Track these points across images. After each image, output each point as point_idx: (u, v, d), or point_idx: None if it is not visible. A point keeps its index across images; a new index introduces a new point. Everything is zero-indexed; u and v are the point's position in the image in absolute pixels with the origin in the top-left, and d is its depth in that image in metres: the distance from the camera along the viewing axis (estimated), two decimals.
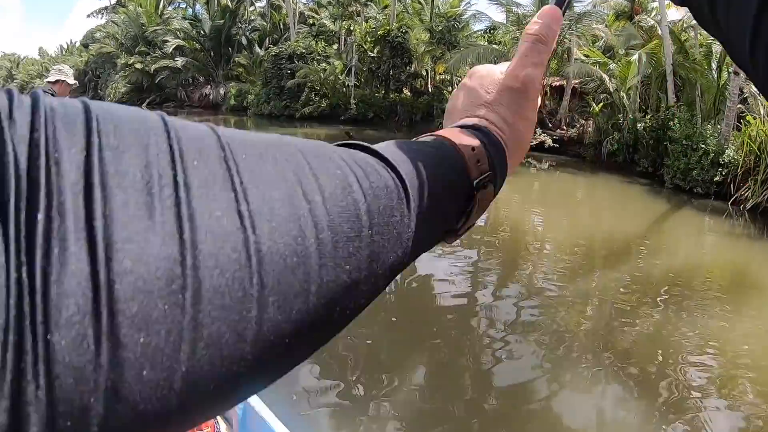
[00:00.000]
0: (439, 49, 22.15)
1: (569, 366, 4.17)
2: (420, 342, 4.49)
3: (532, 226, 8.71)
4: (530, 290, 5.56)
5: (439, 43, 21.81)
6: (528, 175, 13.04)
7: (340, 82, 25.65)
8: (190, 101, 41.42)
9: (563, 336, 4.50)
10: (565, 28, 16.19)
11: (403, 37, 23.51)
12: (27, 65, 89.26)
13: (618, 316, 5.02)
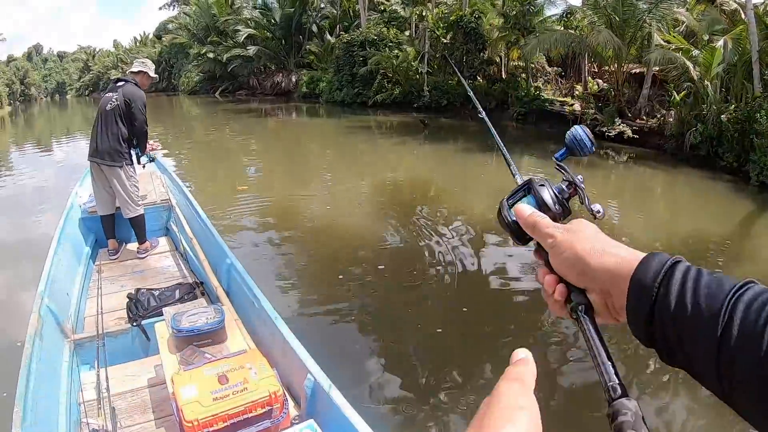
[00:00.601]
0: (514, 34, 22.10)
1: (645, 374, 4.13)
2: (488, 334, 4.62)
3: (608, 222, 8.46)
4: None
5: (514, 28, 21.70)
6: (606, 167, 13.15)
7: (413, 69, 25.88)
8: (262, 89, 43.02)
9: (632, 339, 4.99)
10: (645, 12, 16.33)
11: (476, 23, 23.52)
12: (102, 57, 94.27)
13: None
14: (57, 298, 3.34)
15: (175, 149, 15.48)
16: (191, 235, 4.44)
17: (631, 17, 16.49)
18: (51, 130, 31.51)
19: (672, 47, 15.30)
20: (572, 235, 0.63)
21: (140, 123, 4.67)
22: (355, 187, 10.46)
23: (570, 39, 18.02)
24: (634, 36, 16.77)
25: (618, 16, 16.56)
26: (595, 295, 0.59)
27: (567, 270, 0.62)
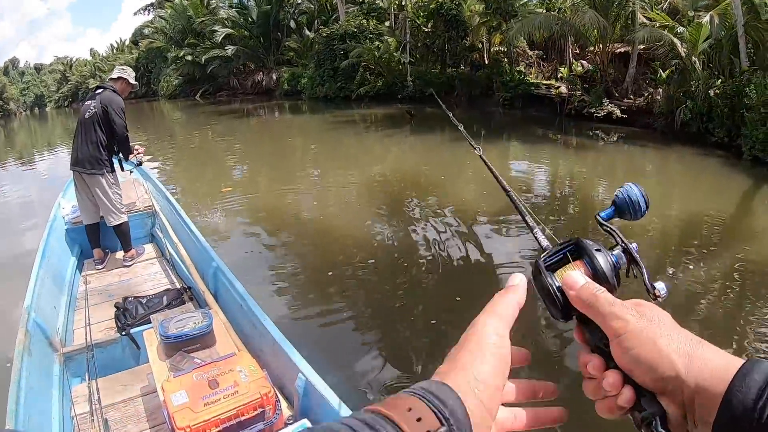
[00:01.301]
0: (495, 19, 22.08)
1: None
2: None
3: (600, 204, 8.51)
4: None
5: (495, 13, 21.67)
6: (595, 148, 13.21)
7: (395, 60, 25.89)
8: (243, 89, 42.92)
9: None
10: None
11: (457, 9, 23.58)
12: (80, 66, 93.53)
13: (692, 301, 4.86)
14: (44, 312, 3.33)
15: (159, 154, 15.38)
16: (176, 240, 4.43)
17: None
18: (32, 143, 31.22)
19: (657, 25, 15.40)
20: (651, 325, 0.50)
21: (120, 128, 4.63)
22: (342, 182, 10.44)
23: (554, 21, 17.98)
24: (618, 15, 16.85)
25: None
26: (674, 405, 0.48)
27: (642, 371, 0.49)
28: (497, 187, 3.34)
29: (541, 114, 18.42)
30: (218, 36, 39.65)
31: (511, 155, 12.86)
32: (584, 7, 16.66)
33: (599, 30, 16.49)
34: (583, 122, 16.08)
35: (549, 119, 17.64)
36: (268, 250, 6.76)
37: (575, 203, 8.71)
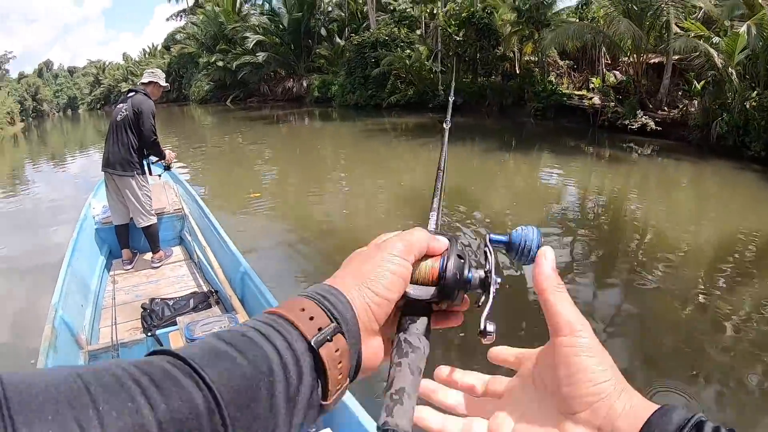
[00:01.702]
0: (528, 29, 21.94)
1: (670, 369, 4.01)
2: (506, 335, 4.71)
3: (632, 217, 8.50)
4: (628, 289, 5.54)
5: (528, 22, 21.52)
6: (629, 161, 12.95)
7: (426, 69, 25.84)
8: (274, 95, 43.34)
9: (659, 334, 4.60)
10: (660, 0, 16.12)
11: (488, 18, 23.47)
12: (112, 70, 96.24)
13: (720, 321, 4.73)
14: (71, 310, 3.38)
15: (189, 158, 15.60)
16: (205, 244, 4.47)
17: (649, 5, 16.30)
18: (64, 144, 32.02)
19: (692, 35, 15.13)
20: None
21: (147, 132, 4.71)
22: (371, 190, 10.44)
23: (587, 30, 17.76)
24: (653, 25, 16.58)
25: (636, 5, 16.39)
26: (589, 428, 0.45)
27: (580, 378, 0.47)
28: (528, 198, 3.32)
29: (574, 125, 18.19)
30: (249, 42, 40.11)
31: (542, 166, 12.71)
32: (618, 17, 16.41)
33: (633, 40, 16.25)
34: (616, 134, 15.82)
35: (581, 130, 17.41)
36: (295, 256, 6.76)
37: (606, 217, 8.51)
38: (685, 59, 15.17)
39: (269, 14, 43.71)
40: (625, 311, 5.13)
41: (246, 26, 43.23)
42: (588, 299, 5.31)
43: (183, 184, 6.37)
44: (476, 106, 23.57)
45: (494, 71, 24.67)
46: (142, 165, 4.86)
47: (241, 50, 42.18)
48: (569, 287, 4.18)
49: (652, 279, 5.66)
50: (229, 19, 46.48)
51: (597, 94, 18.50)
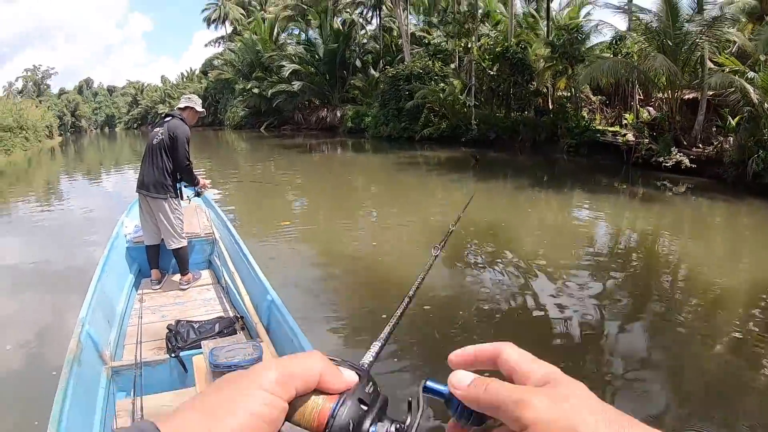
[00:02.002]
0: (561, 64, 21.98)
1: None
2: None
3: (666, 257, 8.35)
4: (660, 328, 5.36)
5: (562, 57, 21.57)
6: (662, 199, 12.77)
7: (460, 103, 25.95)
8: (307, 124, 44.02)
9: (691, 375, 4.53)
10: (698, 35, 15.98)
11: (522, 53, 23.55)
12: (150, 92, 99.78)
13: (755, 367, 4.58)
14: (97, 325, 3.44)
15: (221, 183, 15.87)
16: (233, 269, 4.51)
17: (683, 41, 16.23)
18: (100, 161, 32.92)
19: (726, 70, 14.98)
20: (566, 408, 0.39)
21: (181, 157, 4.82)
22: (401, 223, 10.41)
23: (622, 66, 17.58)
24: (687, 60, 16.47)
25: (670, 40, 16.32)
26: None
27: None
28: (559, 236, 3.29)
29: (607, 162, 18.03)
30: (285, 71, 40.94)
31: (574, 204, 12.57)
32: (653, 52, 16.32)
33: (668, 75, 16.09)
34: (650, 171, 15.61)
35: (615, 167, 17.23)
36: (322, 286, 6.77)
37: (639, 256, 8.34)
38: (719, 95, 14.92)
39: (305, 44, 44.66)
40: (657, 350, 5.04)
41: (282, 55, 44.21)
42: (620, 337, 5.23)
43: (215, 208, 6.48)
44: (509, 142, 23.49)
45: (527, 106, 24.65)
46: (176, 188, 4.96)
47: (276, 78, 43.06)
48: (600, 325, 4.04)
49: (684, 319, 5.57)
50: (266, 48, 47.63)
51: (631, 130, 18.32)
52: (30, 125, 41.60)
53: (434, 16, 38.75)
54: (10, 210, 14.19)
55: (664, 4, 16.58)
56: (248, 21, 59.70)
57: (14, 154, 34.62)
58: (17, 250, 9.26)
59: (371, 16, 43.35)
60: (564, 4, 29.16)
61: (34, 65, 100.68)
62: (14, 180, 23.09)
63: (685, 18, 16.54)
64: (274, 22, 49.05)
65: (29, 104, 49.46)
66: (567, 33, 21.62)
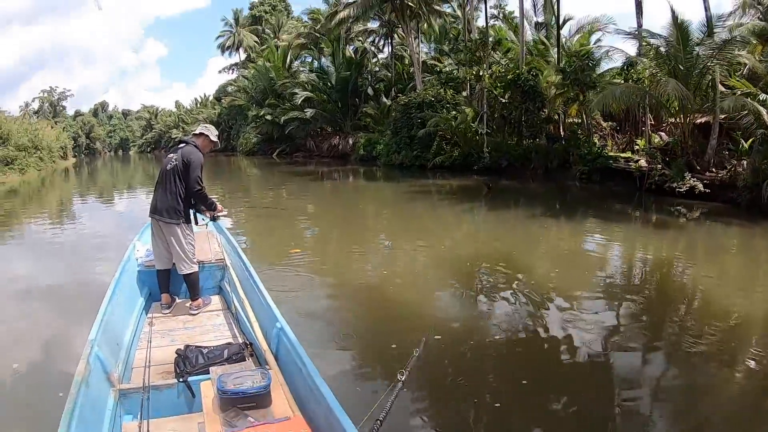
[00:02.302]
0: (573, 90, 22.02)
1: None
2: (553, 411, 4.38)
3: (680, 284, 8.28)
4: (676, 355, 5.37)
5: (573, 84, 21.59)
6: (676, 226, 12.69)
7: (472, 130, 26.01)
8: (319, 151, 44.36)
9: (708, 402, 4.48)
10: (709, 58, 15.93)
11: (534, 81, 23.70)
12: (164, 116, 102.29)
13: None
14: (107, 347, 3.47)
15: (233, 208, 15.96)
16: (243, 296, 4.53)
17: (694, 65, 16.26)
18: (113, 183, 33.35)
19: (738, 92, 14.96)
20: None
21: (192, 182, 4.86)
22: (412, 252, 10.37)
23: (634, 92, 17.64)
24: (699, 84, 16.48)
25: (681, 65, 16.35)
26: None
27: None
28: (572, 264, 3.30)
29: (620, 188, 17.97)
30: (298, 98, 41.48)
31: (587, 231, 12.48)
32: (665, 77, 16.33)
33: (680, 100, 16.09)
34: (663, 197, 15.52)
35: (628, 194, 17.17)
36: (332, 314, 6.73)
37: (653, 283, 8.28)
38: (732, 118, 14.91)
39: (318, 72, 45.33)
40: (672, 378, 5.00)
41: (295, 82, 44.89)
42: (635, 366, 5.16)
43: (226, 234, 6.53)
44: (521, 169, 23.52)
45: (539, 133, 24.71)
46: (188, 214, 5.02)
47: (289, 105, 43.64)
48: (615, 353, 3.95)
49: (700, 346, 5.48)
50: (279, 75, 48.32)
51: (643, 156, 18.28)
52: (45, 145, 42.54)
53: (445, 44, 39.26)
54: (23, 229, 14.46)
55: (675, 29, 16.69)
56: (262, 48, 60.79)
57: (28, 173, 35.28)
58: (29, 270, 9.38)
59: (383, 45, 44.12)
60: (574, 31, 29.42)
61: (51, 87, 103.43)
62: (27, 199, 23.50)
63: (695, 42, 16.64)
64: (287, 49, 49.90)
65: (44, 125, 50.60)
66: (578, 59, 21.70)
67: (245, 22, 70.95)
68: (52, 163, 44.23)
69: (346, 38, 42.44)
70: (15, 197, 24.08)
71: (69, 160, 58.11)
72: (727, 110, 14.69)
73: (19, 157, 35.31)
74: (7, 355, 5.27)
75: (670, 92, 15.76)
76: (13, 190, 26.64)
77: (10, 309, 7.01)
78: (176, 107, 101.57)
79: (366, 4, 33.70)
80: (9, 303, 7.30)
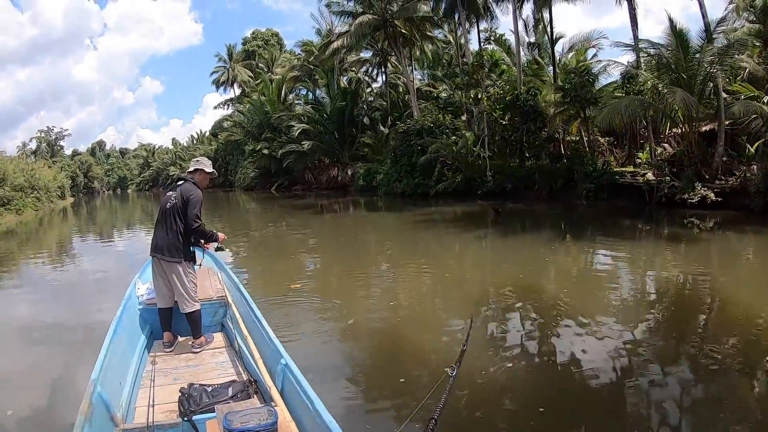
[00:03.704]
0: (573, 108, 22.32)
1: None
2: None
3: (698, 297, 8.20)
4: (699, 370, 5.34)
5: (574, 101, 21.88)
6: (689, 238, 12.63)
7: (474, 155, 26.13)
8: (318, 183, 44.68)
9: (733, 416, 4.39)
10: (712, 64, 16.03)
11: (533, 100, 24.00)
12: (161, 154, 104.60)
13: None
14: (109, 386, 3.46)
15: (232, 245, 15.95)
16: (246, 332, 4.53)
17: (696, 72, 16.38)
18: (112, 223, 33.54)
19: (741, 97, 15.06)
20: None
21: (189, 219, 4.92)
22: (419, 283, 10.22)
23: (640, 104, 17.74)
24: (702, 91, 16.57)
25: (684, 73, 16.46)
26: None
27: None
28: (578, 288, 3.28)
29: (629, 204, 17.99)
30: (295, 131, 41.87)
31: (596, 250, 12.35)
32: (672, 87, 16.39)
33: (686, 109, 16.17)
34: (674, 209, 15.53)
35: (637, 209, 17.16)
36: (337, 348, 6.62)
37: (669, 300, 8.12)
38: (738, 123, 15.00)
39: (313, 103, 45.86)
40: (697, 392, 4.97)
41: (291, 115, 45.44)
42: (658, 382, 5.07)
43: (227, 271, 6.56)
44: (525, 191, 23.54)
45: (541, 154, 24.82)
46: (189, 252, 5.07)
47: (286, 138, 44.05)
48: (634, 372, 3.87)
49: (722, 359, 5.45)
50: (274, 108, 48.93)
51: (649, 169, 18.30)
52: (42, 185, 43.11)
53: (438, 70, 39.80)
54: (20, 270, 14.45)
55: (674, 37, 16.88)
56: (256, 83, 61.61)
57: (25, 213, 35.58)
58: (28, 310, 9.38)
59: (376, 74, 44.80)
60: (567, 48, 29.88)
61: (48, 127, 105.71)
62: (24, 240, 23.58)
63: (695, 49, 16.80)
64: (282, 83, 50.63)
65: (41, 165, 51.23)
66: (578, 76, 21.93)
67: (239, 57, 72.05)
68: (49, 203, 44.78)
69: (340, 69, 43.09)
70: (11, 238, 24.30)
71: (67, 200, 58.83)
72: (738, 115, 14.79)
73: (15, 197, 35.66)
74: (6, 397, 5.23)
75: (678, 102, 15.82)
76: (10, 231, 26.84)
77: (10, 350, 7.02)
78: (173, 144, 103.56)
79: (359, 33, 34.29)
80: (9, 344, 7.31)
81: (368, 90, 45.90)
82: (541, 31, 32.00)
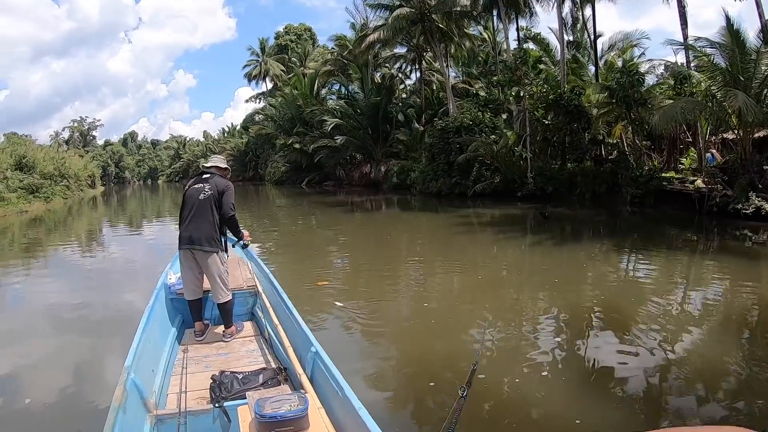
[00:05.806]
0: (619, 108, 21.88)
1: None
2: None
3: (746, 317, 7.84)
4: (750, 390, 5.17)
5: (621, 102, 21.39)
6: (742, 251, 12.29)
7: (516, 155, 25.85)
8: (350, 180, 44.72)
9: None
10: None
11: (578, 100, 23.55)
12: (192, 146, 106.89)
13: None
14: (142, 373, 3.58)
15: (261, 239, 16.12)
16: (276, 321, 4.64)
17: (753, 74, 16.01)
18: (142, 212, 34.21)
19: None
20: None
21: (226, 209, 5.17)
22: (453, 285, 10.13)
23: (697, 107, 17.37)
24: (760, 95, 16.15)
25: (741, 75, 16.07)
26: None
27: None
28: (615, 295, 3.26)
29: (677, 212, 17.60)
30: (328, 126, 42.09)
31: (639, 262, 11.99)
32: (732, 89, 15.95)
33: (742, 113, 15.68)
34: (726, 220, 15.15)
35: (686, 218, 16.74)
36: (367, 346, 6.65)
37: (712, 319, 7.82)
38: None
39: (347, 98, 46.00)
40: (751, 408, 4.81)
41: (324, 109, 45.69)
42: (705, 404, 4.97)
43: (256, 260, 6.72)
44: (567, 195, 23.22)
45: (585, 156, 24.47)
46: (222, 242, 5.25)
47: (318, 133, 44.33)
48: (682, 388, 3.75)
49: None
50: (306, 103, 49.28)
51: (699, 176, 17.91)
52: (71, 174, 44.28)
53: (474, 68, 39.62)
54: (52, 256, 15.08)
55: (729, 37, 16.46)
56: (288, 76, 62.08)
57: (53, 201, 36.65)
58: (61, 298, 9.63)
59: (410, 71, 44.73)
60: (606, 47, 29.48)
61: (81, 117, 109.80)
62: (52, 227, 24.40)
63: (753, 50, 16.40)
64: (315, 77, 50.94)
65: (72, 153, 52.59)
66: (627, 75, 21.48)
67: (271, 51, 72.74)
68: (79, 191, 46.03)
69: (375, 64, 43.27)
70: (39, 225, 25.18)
71: (98, 189, 60.71)
72: None
73: (44, 185, 36.72)
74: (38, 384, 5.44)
75: (741, 105, 15.27)
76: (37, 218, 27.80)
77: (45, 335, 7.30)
78: (204, 137, 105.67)
79: (396, 27, 34.41)
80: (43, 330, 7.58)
81: (401, 87, 45.98)
82: (579, 29, 31.70)
